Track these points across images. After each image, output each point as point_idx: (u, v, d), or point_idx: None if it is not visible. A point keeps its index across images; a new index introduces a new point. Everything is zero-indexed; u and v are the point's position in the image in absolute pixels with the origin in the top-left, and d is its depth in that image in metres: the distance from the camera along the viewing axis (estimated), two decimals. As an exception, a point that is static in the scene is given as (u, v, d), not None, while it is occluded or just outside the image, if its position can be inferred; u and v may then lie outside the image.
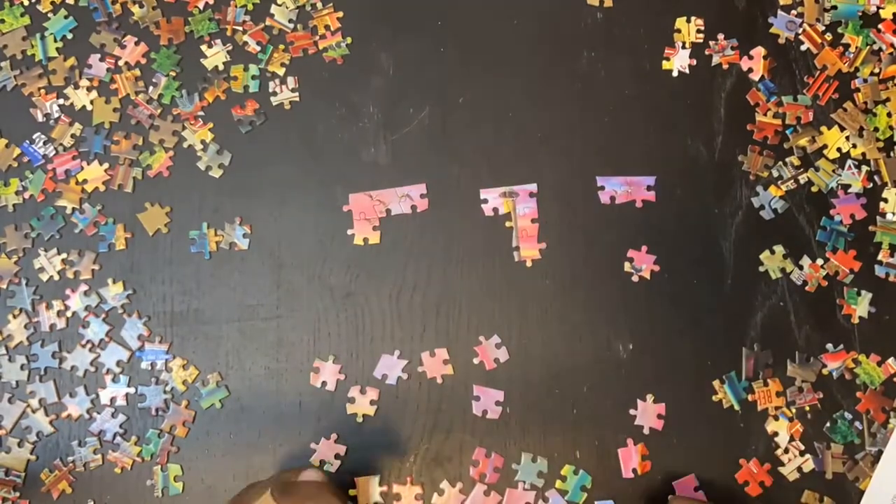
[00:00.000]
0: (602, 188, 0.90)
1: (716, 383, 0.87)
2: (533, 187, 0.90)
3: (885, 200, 0.89)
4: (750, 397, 0.86)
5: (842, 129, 0.91)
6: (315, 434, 0.86)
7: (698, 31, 0.93)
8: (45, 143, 0.90)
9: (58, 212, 0.89)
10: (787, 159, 0.90)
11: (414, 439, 0.87)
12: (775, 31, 0.93)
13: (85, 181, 0.90)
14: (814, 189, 0.90)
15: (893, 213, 0.89)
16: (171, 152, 0.91)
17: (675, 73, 0.92)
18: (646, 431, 0.86)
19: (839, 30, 0.93)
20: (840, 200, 0.90)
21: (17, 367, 0.86)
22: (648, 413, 0.86)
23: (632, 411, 0.87)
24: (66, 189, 0.90)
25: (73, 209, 0.89)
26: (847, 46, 0.92)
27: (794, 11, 0.93)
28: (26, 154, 0.90)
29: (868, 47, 0.92)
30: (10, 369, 0.86)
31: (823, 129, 0.91)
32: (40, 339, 0.87)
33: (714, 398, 0.87)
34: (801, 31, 0.93)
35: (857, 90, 0.91)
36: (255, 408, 0.87)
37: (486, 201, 0.90)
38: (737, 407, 0.87)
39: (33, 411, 0.86)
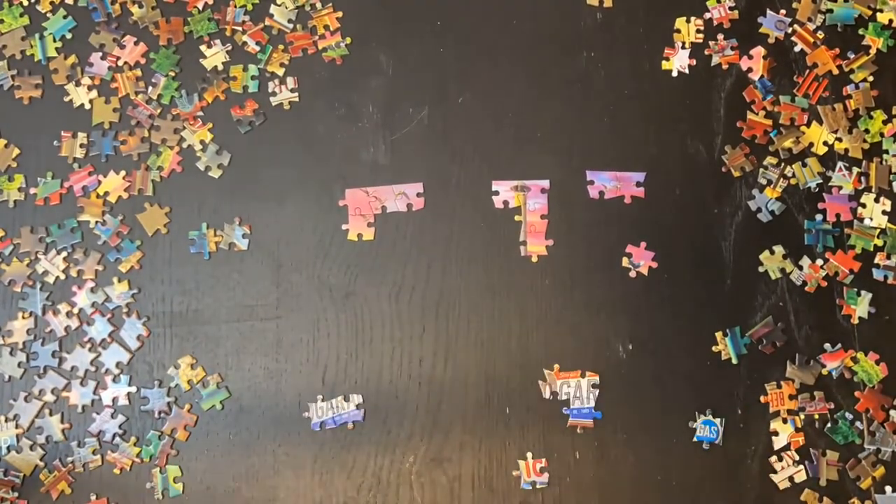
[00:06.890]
0: (591, 182, 0.90)
1: (718, 334, 0.87)
2: (545, 183, 0.90)
3: (864, 206, 0.90)
4: (762, 399, 0.86)
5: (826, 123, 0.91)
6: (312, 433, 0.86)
7: (698, 31, 0.93)
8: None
9: (80, 226, 0.89)
10: (765, 161, 0.90)
11: (413, 439, 0.86)
12: (765, 31, 0.93)
13: (106, 193, 0.90)
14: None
15: (871, 218, 0.89)
16: (177, 148, 0.91)
17: (674, 73, 0.93)
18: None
19: (860, 31, 0.93)
20: (831, 198, 0.90)
21: (14, 364, 0.86)
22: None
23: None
24: (88, 203, 0.89)
25: (97, 222, 0.89)
26: (845, 49, 0.92)
27: (783, 11, 0.93)
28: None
29: (889, 50, 0.92)
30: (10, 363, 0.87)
31: (803, 128, 0.91)
32: (41, 338, 0.87)
33: (714, 348, 0.87)
34: (790, 30, 0.93)
35: (849, 97, 0.91)
36: (254, 408, 0.87)
37: (497, 193, 0.90)
38: (735, 361, 0.87)
39: (51, 414, 0.86)
